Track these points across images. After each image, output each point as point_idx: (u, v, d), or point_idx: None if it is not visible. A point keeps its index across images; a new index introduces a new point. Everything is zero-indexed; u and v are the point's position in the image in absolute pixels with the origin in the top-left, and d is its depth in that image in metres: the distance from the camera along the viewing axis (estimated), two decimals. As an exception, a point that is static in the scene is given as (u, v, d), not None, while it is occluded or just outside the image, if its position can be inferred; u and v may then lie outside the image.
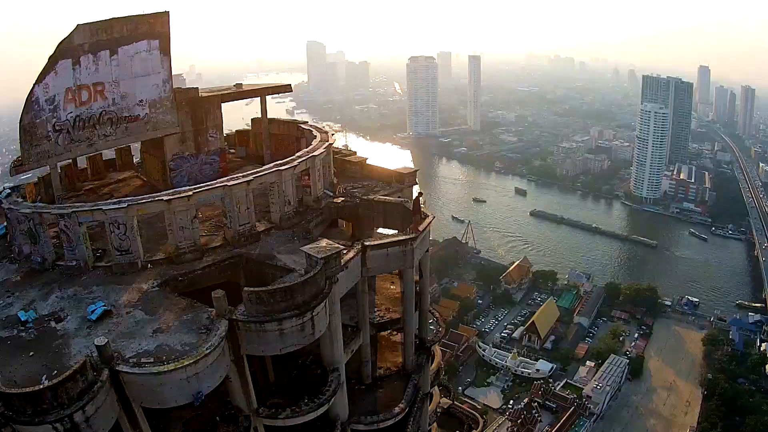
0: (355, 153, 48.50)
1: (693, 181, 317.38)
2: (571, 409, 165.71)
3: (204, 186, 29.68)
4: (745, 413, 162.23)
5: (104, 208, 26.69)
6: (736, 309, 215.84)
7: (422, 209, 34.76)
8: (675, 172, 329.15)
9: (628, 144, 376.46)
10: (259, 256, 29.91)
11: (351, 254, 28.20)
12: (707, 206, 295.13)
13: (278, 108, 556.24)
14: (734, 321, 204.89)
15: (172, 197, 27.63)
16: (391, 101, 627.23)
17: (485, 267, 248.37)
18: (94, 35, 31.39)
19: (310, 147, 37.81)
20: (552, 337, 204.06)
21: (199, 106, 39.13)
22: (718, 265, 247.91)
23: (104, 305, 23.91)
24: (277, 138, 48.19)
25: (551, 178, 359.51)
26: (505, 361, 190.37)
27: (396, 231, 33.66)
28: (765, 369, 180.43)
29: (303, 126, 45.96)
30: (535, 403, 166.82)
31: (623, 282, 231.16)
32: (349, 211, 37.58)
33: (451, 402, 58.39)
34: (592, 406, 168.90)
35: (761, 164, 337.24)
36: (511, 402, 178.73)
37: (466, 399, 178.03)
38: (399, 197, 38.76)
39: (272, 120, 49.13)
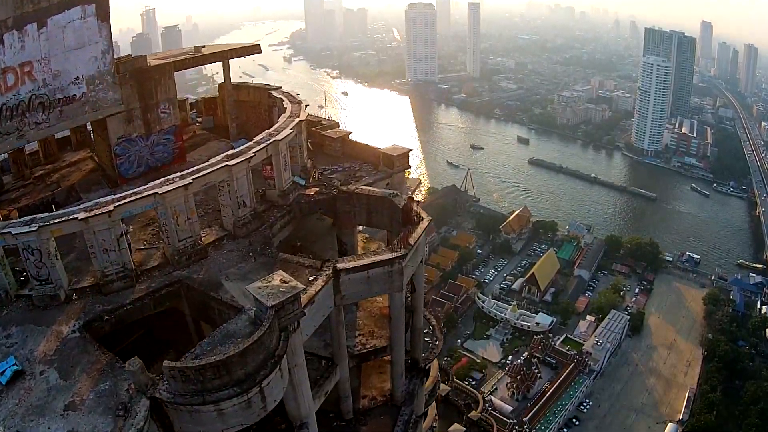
0: (336, 125, 43.52)
1: (695, 135, 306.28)
2: (571, 366, 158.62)
3: (130, 195, 24.38)
4: (745, 378, 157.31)
5: (13, 231, 22.11)
6: (737, 269, 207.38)
7: (415, 214, 28.59)
8: (677, 126, 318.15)
9: (629, 95, 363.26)
10: (203, 283, 24.99)
11: (318, 285, 22.29)
12: (709, 162, 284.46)
13: (275, 56, 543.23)
14: (735, 281, 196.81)
15: (88, 214, 22.66)
16: (390, 48, 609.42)
17: (484, 216, 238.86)
18: (18, 7, 26.54)
19: (275, 127, 32.67)
20: (552, 290, 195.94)
21: (147, 78, 34.06)
22: (719, 223, 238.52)
23: (15, 364, 19.57)
24: (246, 106, 43.54)
25: (551, 126, 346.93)
26: (505, 314, 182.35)
27: (383, 230, 31.71)
28: (765, 333, 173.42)
29: (274, 94, 40.62)
30: (535, 359, 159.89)
31: (624, 235, 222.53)
32: (325, 206, 32.72)
33: (449, 388, 54.15)
34: (592, 363, 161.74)
35: (763, 123, 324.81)
36: (510, 357, 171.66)
37: (465, 352, 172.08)
38: (387, 185, 34.61)
39: (240, 86, 44.56)
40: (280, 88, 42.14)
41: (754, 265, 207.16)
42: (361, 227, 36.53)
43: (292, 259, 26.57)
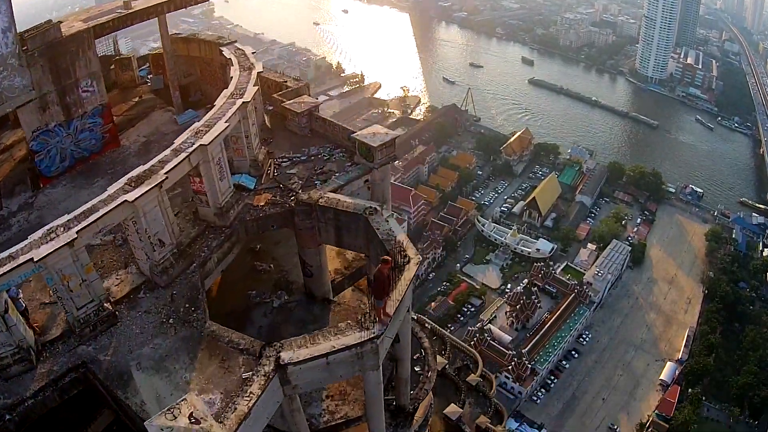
0: (304, 88, 36.90)
1: (700, 67, 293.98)
2: (572, 297, 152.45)
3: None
4: (745, 322, 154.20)
5: None
6: (740, 207, 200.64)
7: (391, 281, 20.16)
8: (682, 56, 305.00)
9: (634, 21, 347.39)
10: (109, 373, 19.06)
11: (253, 395, 16.65)
12: (714, 95, 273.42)
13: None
14: (738, 219, 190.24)
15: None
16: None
17: (485, 136, 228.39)
18: None
19: (208, 116, 26.15)
20: (553, 215, 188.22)
21: (62, 53, 28.06)
22: (723, 158, 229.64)
23: None
24: (199, 63, 38.39)
25: (554, 47, 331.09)
26: (505, 238, 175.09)
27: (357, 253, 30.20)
28: (767, 276, 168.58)
29: (225, 52, 34.17)
30: (535, 288, 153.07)
31: (626, 163, 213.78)
32: (279, 221, 27.11)
33: (446, 361, 47.61)
34: (592, 294, 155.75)
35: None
36: (510, 284, 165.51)
37: (464, 277, 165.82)
38: (366, 182, 29.38)
39: (190, 39, 38.79)
40: (234, 42, 35.60)
41: (757, 204, 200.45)
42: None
43: (222, 335, 20.22)
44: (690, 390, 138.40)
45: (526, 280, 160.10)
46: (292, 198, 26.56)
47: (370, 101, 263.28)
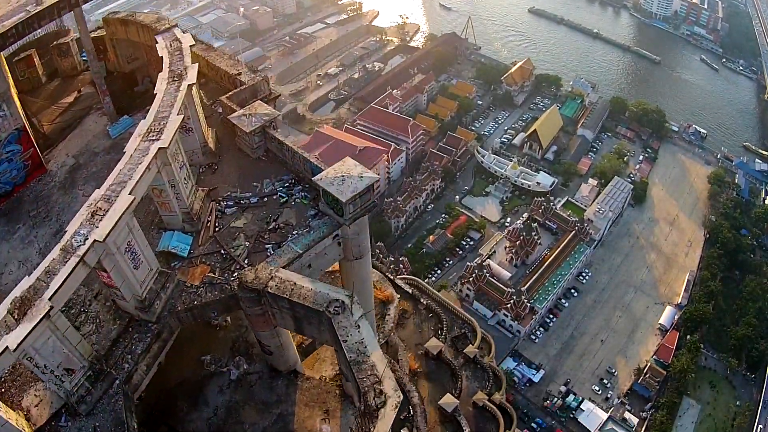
0: (261, 81, 32.02)
1: (705, 6, 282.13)
2: (572, 234, 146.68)
3: None
4: (746, 270, 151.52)
5: None
6: (743, 151, 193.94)
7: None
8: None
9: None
10: None
11: None
12: (718, 36, 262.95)
13: None
14: (741, 164, 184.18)
15: None
16: None
17: (485, 65, 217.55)
18: None
19: (112, 177, 20.71)
20: (554, 148, 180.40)
21: None
22: (727, 100, 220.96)
23: None
24: (145, 48, 32.64)
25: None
26: (505, 170, 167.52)
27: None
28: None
29: (159, 44, 28.62)
30: (535, 223, 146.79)
31: (628, 98, 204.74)
32: (220, 308, 22.39)
33: (442, 345, 43.35)
34: (593, 232, 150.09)
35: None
36: (509, 218, 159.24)
37: (463, 210, 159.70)
38: (336, 237, 23.87)
39: (128, 20, 33.06)
40: (174, 26, 30.60)
41: (761, 151, 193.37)
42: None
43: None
44: (688, 337, 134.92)
45: (525, 215, 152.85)
46: (235, 278, 21.42)
47: (368, 29, 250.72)
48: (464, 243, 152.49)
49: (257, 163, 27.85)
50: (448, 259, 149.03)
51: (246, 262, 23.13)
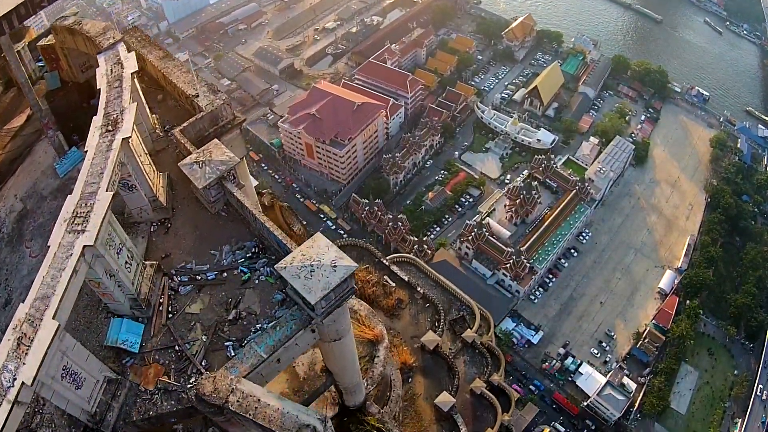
0: (222, 105, 26.50)
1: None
2: (572, 193, 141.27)
3: None
4: (747, 237, 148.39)
5: None
6: (745, 116, 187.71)
7: None
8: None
9: None
10: None
11: None
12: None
13: None
14: (743, 129, 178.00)
15: None
16: None
17: (486, 20, 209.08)
18: None
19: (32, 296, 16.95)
20: (555, 105, 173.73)
21: None
22: (730, 64, 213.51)
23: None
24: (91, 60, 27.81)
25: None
26: (505, 126, 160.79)
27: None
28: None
29: (101, 65, 24.67)
30: (535, 182, 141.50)
31: (631, 57, 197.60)
32: (181, 416, 19.58)
33: (439, 339, 45.13)
34: (593, 192, 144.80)
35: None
36: (509, 175, 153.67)
37: (462, 166, 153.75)
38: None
39: (74, 30, 28.60)
40: (121, 40, 26.24)
41: (764, 116, 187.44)
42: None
43: None
44: (688, 302, 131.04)
45: (526, 172, 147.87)
46: (192, 386, 18.66)
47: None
48: (463, 200, 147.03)
49: (216, 220, 23.32)
50: (447, 216, 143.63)
51: (203, 363, 19.55)
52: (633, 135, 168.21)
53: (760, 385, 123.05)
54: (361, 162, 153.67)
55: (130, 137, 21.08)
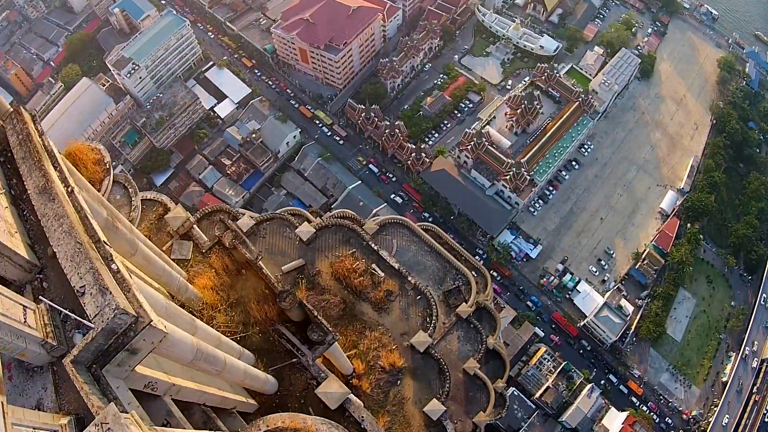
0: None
1: None
2: (576, 104, 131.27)
3: None
4: (751, 165, 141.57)
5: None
6: (755, 40, 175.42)
7: None
8: None
9: None
10: None
11: None
12: None
13: None
14: (752, 53, 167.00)
15: None
16: None
17: None
18: None
19: None
20: (559, 11, 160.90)
21: None
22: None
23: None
24: None
25: None
26: (507, 31, 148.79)
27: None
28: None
29: None
30: (537, 92, 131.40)
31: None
32: None
33: (430, 340, 42.34)
34: (597, 104, 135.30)
35: None
36: (510, 81, 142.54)
37: (462, 70, 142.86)
38: None
39: None
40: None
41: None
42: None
43: None
44: (689, 226, 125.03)
45: (527, 78, 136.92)
46: None
47: None
48: (463, 105, 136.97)
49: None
50: (445, 122, 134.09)
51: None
52: (639, 47, 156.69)
53: (757, 319, 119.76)
54: (357, 66, 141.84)
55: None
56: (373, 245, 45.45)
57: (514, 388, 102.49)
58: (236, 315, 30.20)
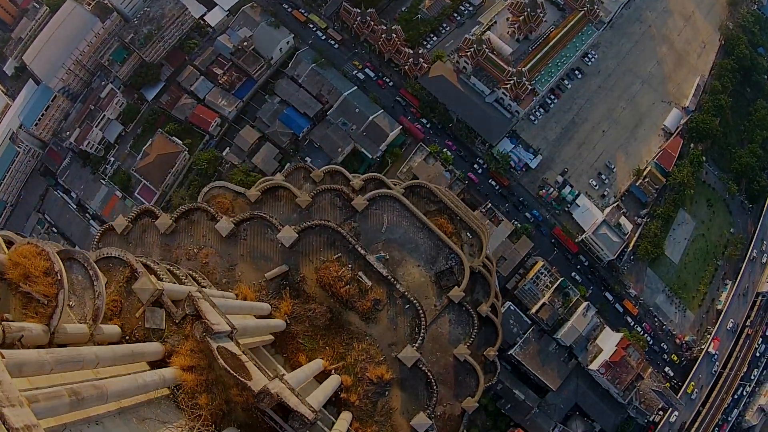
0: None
1: None
2: (581, 13, 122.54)
3: None
4: (758, 92, 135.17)
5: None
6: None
7: None
8: None
9: None
10: None
11: None
12: None
13: None
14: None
15: None
16: None
17: None
18: None
19: None
20: None
21: None
22: None
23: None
24: None
25: None
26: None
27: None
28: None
29: None
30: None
31: None
32: None
33: (418, 356, 40.79)
34: (602, 13, 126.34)
35: None
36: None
37: None
38: None
39: None
40: None
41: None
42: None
43: None
44: (692, 146, 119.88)
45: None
46: None
47: None
48: (462, 8, 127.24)
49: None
50: (444, 25, 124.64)
51: None
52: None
53: (755, 250, 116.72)
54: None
55: None
56: (359, 249, 41.87)
57: (510, 303, 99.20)
58: (218, 392, 25.64)
